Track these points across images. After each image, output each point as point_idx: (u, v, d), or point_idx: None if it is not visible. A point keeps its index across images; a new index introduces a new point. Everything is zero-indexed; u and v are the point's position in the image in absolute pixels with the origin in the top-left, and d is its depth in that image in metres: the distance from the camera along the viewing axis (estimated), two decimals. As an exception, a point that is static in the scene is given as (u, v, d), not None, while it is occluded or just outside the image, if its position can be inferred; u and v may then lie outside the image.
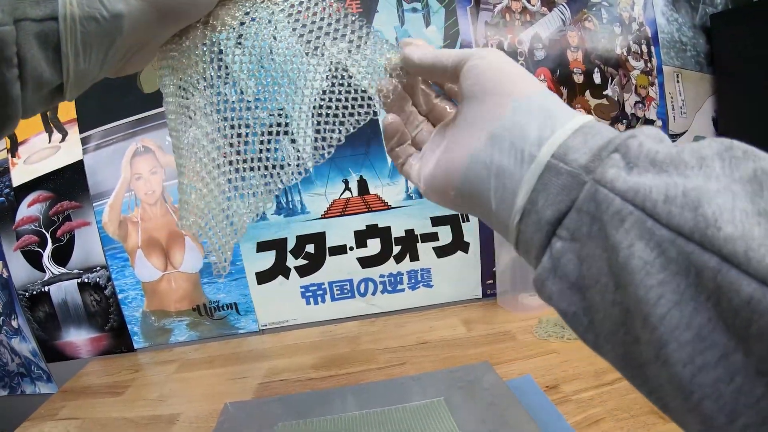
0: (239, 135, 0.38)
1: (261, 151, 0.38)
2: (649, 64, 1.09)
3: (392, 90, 0.38)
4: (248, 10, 0.37)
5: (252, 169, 0.38)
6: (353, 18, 0.40)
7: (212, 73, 0.37)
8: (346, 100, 0.39)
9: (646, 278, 0.21)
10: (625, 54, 1.07)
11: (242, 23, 0.37)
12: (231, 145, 0.38)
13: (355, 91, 0.39)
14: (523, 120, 0.28)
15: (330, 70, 0.39)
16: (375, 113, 0.40)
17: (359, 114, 0.39)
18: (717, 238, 0.19)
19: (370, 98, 0.39)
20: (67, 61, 0.28)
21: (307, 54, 0.38)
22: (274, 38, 0.38)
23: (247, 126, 0.38)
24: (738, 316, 0.18)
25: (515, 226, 0.28)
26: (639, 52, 1.08)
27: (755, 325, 0.17)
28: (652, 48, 1.09)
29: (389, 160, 0.43)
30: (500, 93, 0.30)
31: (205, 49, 0.37)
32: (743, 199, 0.20)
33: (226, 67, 0.38)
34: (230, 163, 0.38)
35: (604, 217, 0.23)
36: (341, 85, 0.39)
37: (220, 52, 0.37)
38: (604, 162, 0.24)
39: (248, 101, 0.38)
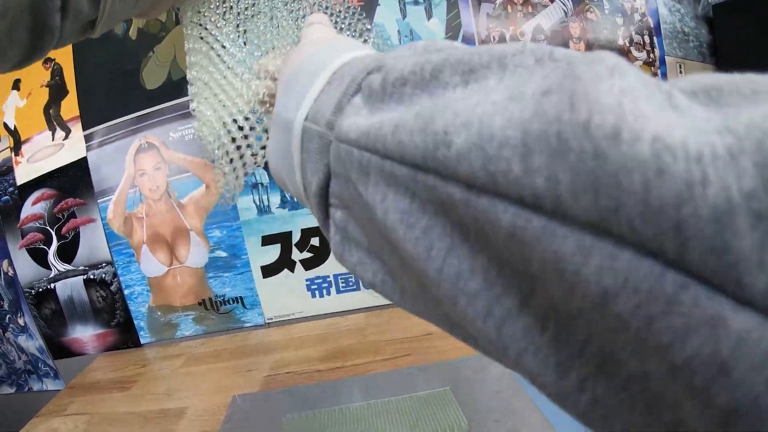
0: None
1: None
2: (651, 55, 1.09)
3: None
4: None
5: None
6: (358, 15, 0.41)
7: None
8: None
9: (409, 231, 0.17)
10: (628, 45, 1.07)
11: None
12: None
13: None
14: (294, 82, 0.25)
15: None
16: None
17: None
18: (449, 159, 0.15)
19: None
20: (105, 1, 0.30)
21: None
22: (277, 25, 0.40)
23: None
24: (513, 253, 0.14)
25: (309, 205, 0.25)
26: (641, 42, 1.08)
27: (535, 262, 0.13)
28: (655, 39, 1.09)
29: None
30: (300, 50, 0.28)
31: None
32: (497, 95, 0.15)
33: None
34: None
35: (352, 175, 0.20)
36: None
37: None
38: (344, 112, 0.21)
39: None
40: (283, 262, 1.03)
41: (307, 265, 1.03)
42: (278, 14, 0.40)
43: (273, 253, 1.02)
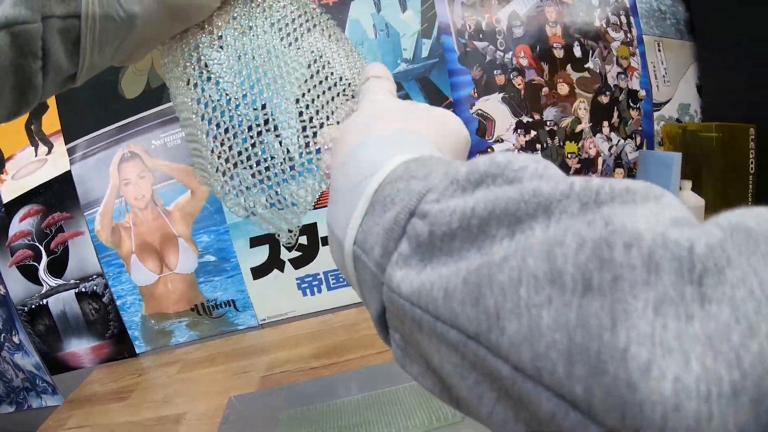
0: (226, 131, 0.38)
1: (247, 148, 0.39)
2: (629, 35, 1.09)
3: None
4: (235, 14, 0.39)
5: (241, 165, 0.39)
6: (322, 11, 0.41)
7: (194, 73, 0.39)
8: (329, 89, 0.39)
9: (462, 381, 0.19)
10: (605, 26, 1.07)
11: (227, 24, 0.39)
12: (221, 143, 0.39)
13: (339, 78, 0.40)
14: (340, 186, 0.27)
15: (309, 59, 0.40)
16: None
17: (344, 104, 0.39)
18: (501, 344, 0.16)
19: (352, 87, 0.40)
20: (84, 53, 0.32)
21: (287, 46, 0.39)
22: (254, 36, 0.39)
23: (233, 126, 0.39)
24: (551, 427, 0.16)
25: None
26: (618, 23, 1.09)
27: None
28: (632, 18, 1.09)
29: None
30: (359, 129, 0.30)
31: (187, 49, 0.39)
32: (537, 261, 0.16)
33: (207, 67, 0.39)
34: (222, 159, 0.39)
35: (405, 322, 0.21)
36: (321, 73, 0.39)
37: (201, 53, 0.39)
38: (392, 258, 0.22)
39: (233, 99, 0.39)
40: (273, 263, 1.03)
41: (297, 264, 1.03)
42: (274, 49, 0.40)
43: (262, 254, 1.02)
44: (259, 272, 1.03)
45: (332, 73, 0.40)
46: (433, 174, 0.23)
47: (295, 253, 1.03)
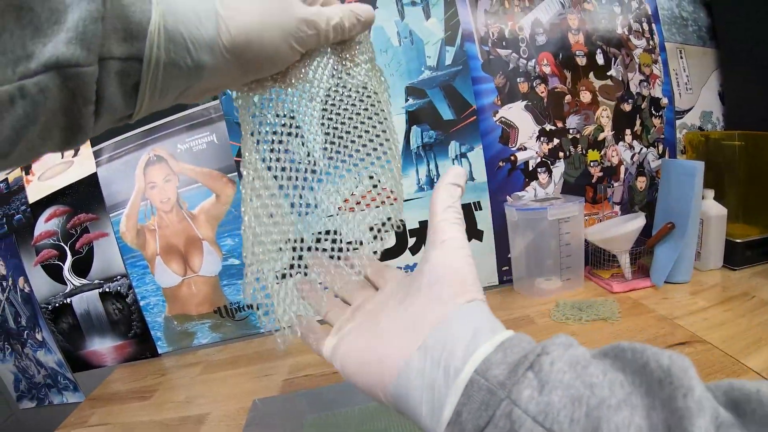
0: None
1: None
2: (651, 42, 1.09)
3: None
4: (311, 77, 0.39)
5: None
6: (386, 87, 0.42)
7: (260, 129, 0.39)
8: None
9: None
10: (627, 33, 1.07)
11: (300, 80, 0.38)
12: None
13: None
14: (454, 334, 0.30)
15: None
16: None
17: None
18: None
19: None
20: (142, 98, 0.28)
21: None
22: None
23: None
24: None
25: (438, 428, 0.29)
26: (640, 30, 1.08)
27: None
28: (653, 25, 1.09)
29: (397, 155, 0.44)
30: (443, 298, 0.33)
31: (258, 100, 0.38)
32: (640, 413, 0.22)
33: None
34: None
35: None
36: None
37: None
38: (519, 381, 0.26)
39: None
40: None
41: (319, 268, 1.04)
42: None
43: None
44: (282, 276, 1.04)
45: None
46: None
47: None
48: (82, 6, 0.24)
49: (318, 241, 0.41)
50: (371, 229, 0.43)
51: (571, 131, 1.06)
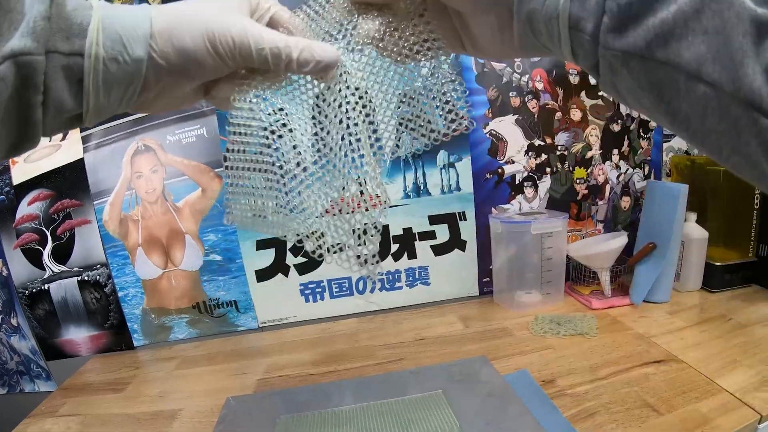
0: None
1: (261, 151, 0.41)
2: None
3: None
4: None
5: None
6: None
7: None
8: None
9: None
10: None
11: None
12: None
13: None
14: None
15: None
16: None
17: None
18: (680, 63, 0.25)
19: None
20: (87, 95, 0.31)
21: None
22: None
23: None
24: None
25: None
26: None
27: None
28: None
29: (387, 159, 0.43)
30: None
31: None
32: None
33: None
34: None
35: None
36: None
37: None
38: (602, 30, 0.27)
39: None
40: (278, 267, 1.04)
41: (301, 269, 1.04)
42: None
43: (267, 257, 1.03)
44: (263, 275, 1.04)
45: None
46: None
47: (300, 259, 1.03)
48: (34, 9, 0.29)
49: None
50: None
51: (559, 148, 1.07)
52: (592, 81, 1.07)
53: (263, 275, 1.04)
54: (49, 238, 1.03)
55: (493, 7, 0.33)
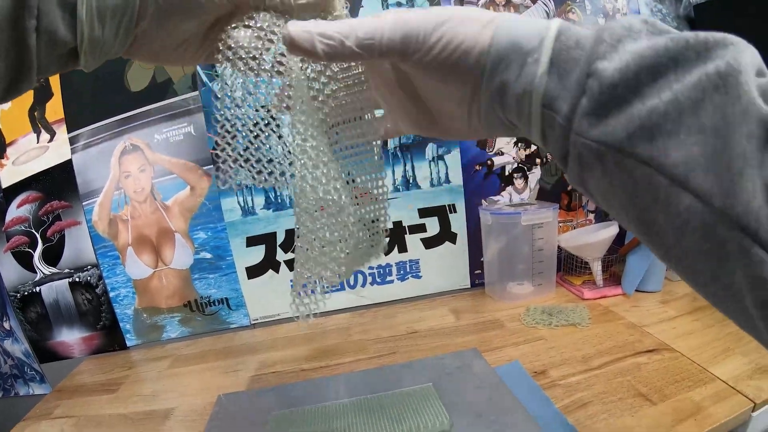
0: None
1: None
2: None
3: None
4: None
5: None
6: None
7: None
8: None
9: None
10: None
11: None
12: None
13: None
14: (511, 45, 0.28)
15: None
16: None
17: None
18: (665, 165, 0.21)
19: None
20: (81, 25, 0.30)
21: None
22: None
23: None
24: (687, 222, 0.22)
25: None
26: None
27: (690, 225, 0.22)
28: (635, 38, 1.10)
29: (375, 152, 0.43)
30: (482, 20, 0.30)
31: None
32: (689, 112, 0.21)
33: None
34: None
35: (605, 160, 0.24)
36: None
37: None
38: (577, 113, 0.25)
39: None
40: (268, 263, 1.03)
41: (292, 265, 1.03)
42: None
43: (257, 254, 1.03)
44: (254, 272, 1.04)
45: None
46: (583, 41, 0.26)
47: (291, 255, 1.03)
48: None
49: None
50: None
51: (549, 138, 1.07)
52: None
53: (254, 272, 1.03)
54: (39, 240, 1.02)
55: (461, 76, 0.29)
